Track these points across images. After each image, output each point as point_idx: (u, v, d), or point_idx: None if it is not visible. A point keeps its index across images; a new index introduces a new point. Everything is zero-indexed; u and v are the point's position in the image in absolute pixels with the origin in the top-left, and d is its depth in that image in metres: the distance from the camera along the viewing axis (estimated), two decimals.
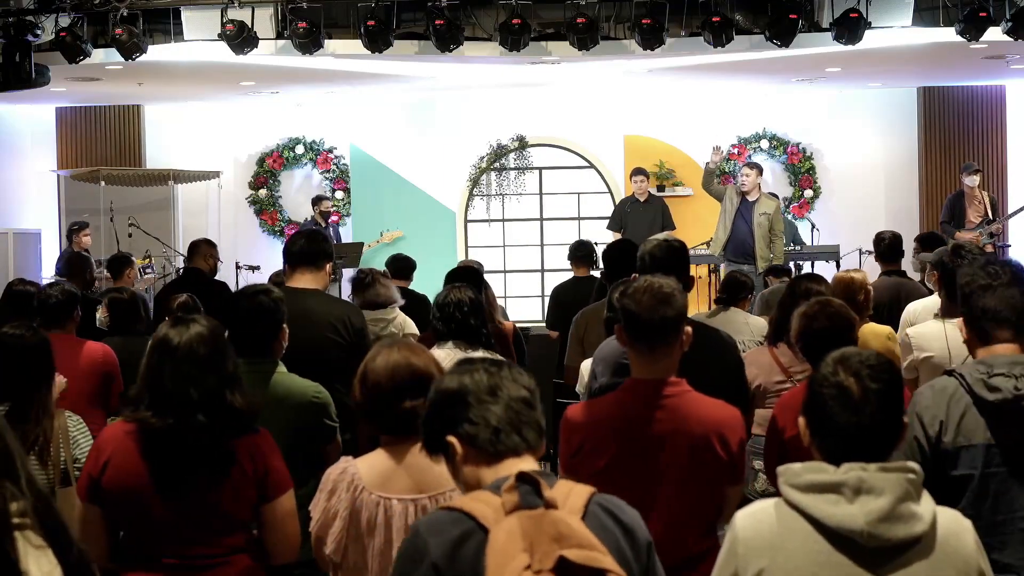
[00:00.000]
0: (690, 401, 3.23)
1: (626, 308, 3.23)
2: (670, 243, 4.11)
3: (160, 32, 9.84)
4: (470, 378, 2.18)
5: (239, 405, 3.07)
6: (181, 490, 3.03)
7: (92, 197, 12.24)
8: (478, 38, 9.86)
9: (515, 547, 1.92)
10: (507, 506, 1.99)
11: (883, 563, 2.22)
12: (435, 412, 2.20)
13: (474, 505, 2.03)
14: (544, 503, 1.99)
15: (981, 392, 2.87)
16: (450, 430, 2.16)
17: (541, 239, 13.55)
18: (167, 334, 3.10)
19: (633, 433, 3.19)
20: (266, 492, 3.11)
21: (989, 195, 11.63)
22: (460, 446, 2.14)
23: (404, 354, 3.00)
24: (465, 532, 2.01)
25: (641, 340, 3.22)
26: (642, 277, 3.35)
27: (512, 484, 2.02)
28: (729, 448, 3.19)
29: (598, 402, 3.33)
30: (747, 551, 2.31)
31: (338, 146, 13.53)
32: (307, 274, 4.61)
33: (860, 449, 2.27)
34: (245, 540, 3.13)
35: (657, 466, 3.17)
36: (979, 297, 3.02)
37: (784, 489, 2.31)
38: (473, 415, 2.14)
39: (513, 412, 2.16)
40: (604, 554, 1.96)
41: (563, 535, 1.95)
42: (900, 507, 2.21)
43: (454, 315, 4.38)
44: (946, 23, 9.52)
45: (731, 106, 13.29)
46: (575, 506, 2.04)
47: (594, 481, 3.18)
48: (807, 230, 12.62)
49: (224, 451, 3.04)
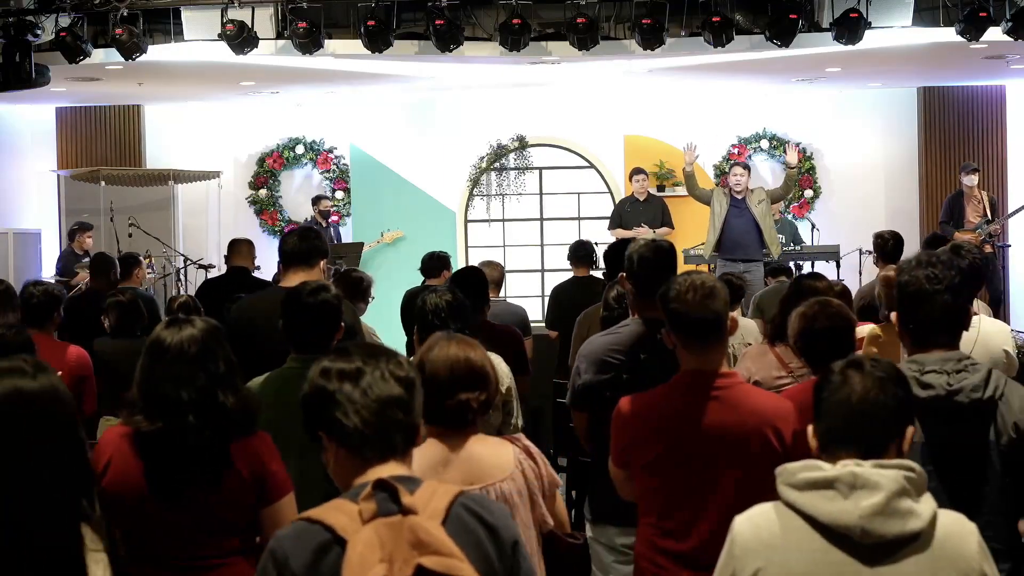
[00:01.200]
0: (744, 393, 3.25)
1: (674, 310, 3.22)
2: (658, 244, 4.10)
3: (160, 32, 9.84)
4: (342, 379, 2.12)
5: (232, 405, 3.04)
6: (177, 493, 2.99)
7: (92, 197, 12.24)
8: (478, 38, 9.86)
9: (373, 557, 1.90)
10: (364, 515, 1.96)
11: (879, 559, 2.21)
12: (306, 404, 2.17)
13: (330, 515, 2.00)
14: (402, 510, 1.97)
15: (914, 390, 2.83)
16: (319, 426, 2.14)
17: (541, 239, 13.56)
18: (160, 335, 3.08)
19: (687, 425, 3.18)
20: (265, 496, 3.07)
21: (988, 195, 11.64)
22: (328, 443, 2.13)
23: (463, 348, 3.06)
24: (323, 544, 1.98)
25: (696, 337, 3.22)
26: (679, 276, 3.34)
27: (369, 492, 1.99)
28: (783, 440, 3.18)
29: (651, 394, 3.31)
30: (744, 552, 2.31)
31: (338, 146, 13.53)
32: (301, 272, 4.61)
33: (865, 445, 2.29)
34: (242, 543, 3.09)
35: (711, 458, 3.17)
36: (917, 305, 3.01)
37: (781, 489, 2.31)
38: (339, 415, 2.10)
39: (382, 416, 2.11)
40: (462, 560, 1.94)
41: (421, 542, 1.93)
42: (895, 503, 2.20)
43: (432, 323, 4.36)
44: (946, 23, 9.52)
45: (731, 106, 13.29)
46: (436, 510, 2.01)
47: (644, 472, 3.21)
48: (807, 230, 12.62)
49: (219, 453, 3.01)
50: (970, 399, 2.89)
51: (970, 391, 2.89)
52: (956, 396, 2.89)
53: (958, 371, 2.92)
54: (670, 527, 3.21)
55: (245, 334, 4.36)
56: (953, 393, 2.89)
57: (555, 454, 6.94)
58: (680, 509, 3.20)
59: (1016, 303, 12.58)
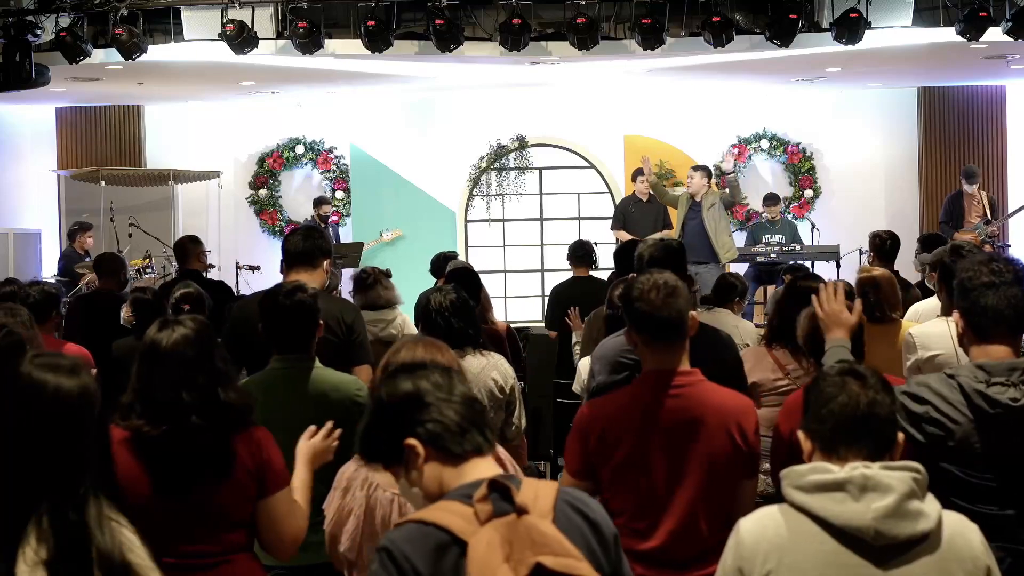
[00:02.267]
0: (706, 390, 3.25)
1: (638, 309, 3.22)
2: (667, 243, 4.12)
3: (160, 32, 9.84)
4: (426, 380, 2.15)
5: (233, 401, 3.05)
6: (183, 492, 3.00)
7: (92, 197, 12.24)
8: (478, 38, 9.87)
9: (496, 558, 1.91)
10: (482, 516, 1.97)
11: (890, 560, 2.22)
12: (389, 416, 2.15)
13: (443, 516, 2.00)
14: (516, 509, 1.97)
15: (980, 404, 2.82)
16: (409, 433, 2.12)
17: (541, 239, 13.56)
18: (155, 338, 3.07)
19: (650, 424, 3.19)
20: (264, 487, 3.08)
21: (988, 195, 11.64)
22: (423, 448, 2.11)
23: (429, 351, 3.05)
24: (441, 544, 1.98)
25: (658, 336, 3.22)
26: (641, 276, 3.36)
27: (484, 492, 1.99)
28: (747, 437, 3.20)
29: (613, 396, 3.32)
30: (753, 555, 2.30)
31: (338, 146, 13.53)
32: (303, 273, 4.61)
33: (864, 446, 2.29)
34: (246, 538, 3.11)
35: (675, 456, 3.18)
36: (981, 294, 2.97)
37: (788, 492, 2.30)
38: (435, 415, 2.11)
39: (472, 411, 2.14)
40: (580, 559, 1.95)
41: (538, 542, 1.94)
42: (906, 504, 2.21)
43: (436, 321, 4.36)
44: (946, 23, 9.52)
45: (731, 106, 13.29)
46: (544, 509, 2.02)
47: (613, 474, 3.21)
48: (807, 230, 12.62)
49: (226, 449, 3.02)
50: None
51: None
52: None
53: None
54: (640, 528, 3.20)
55: (243, 333, 4.36)
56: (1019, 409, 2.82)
57: (555, 454, 6.94)
58: (647, 509, 3.20)
59: None
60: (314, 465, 3.27)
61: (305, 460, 3.26)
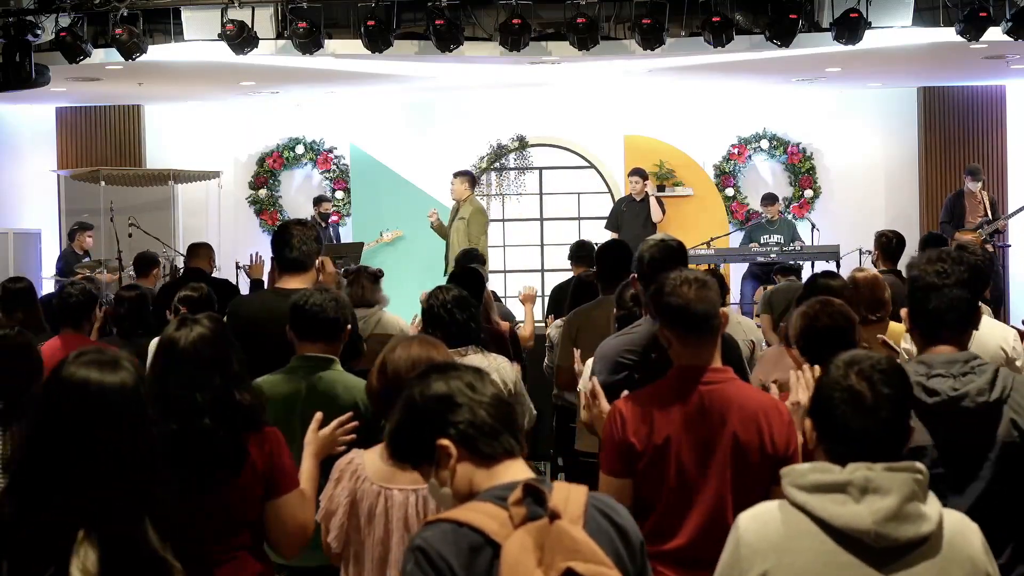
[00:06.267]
0: (737, 389, 3.24)
1: (670, 303, 3.21)
2: (667, 243, 4.09)
3: (160, 32, 9.84)
4: (459, 380, 2.15)
5: (247, 402, 3.07)
6: (194, 491, 3.00)
7: (92, 197, 12.23)
8: (478, 38, 9.86)
9: (530, 562, 1.92)
10: (516, 519, 1.97)
11: (890, 563, 2.21)
12: (421, 417, 2.14)
13: (477, 518, 2.00)
14: (548, 514, 1.98)
15: (920, 395, 2.82)
16: (441, 433, 2.12)
17: (541, 239, 13.56)
18: (172, 336, 3.08)
19: (680, 420, 3.18)
20: (273, 489, 3.09)
21: (989, 195, 11.64)
22: (455, 448, 2.11)
23: (425, 348, 3.09)
24: (475, 545, 1.98)
25: (691, 329, 3.21)
26: (672, 273, 3.33)
27: (519, 496, 2.00)
28: (775, 438, 3.17)
29: (644, 392, 3.30)
30: (751, 553, 2.30)
31: (338, 146, 13.53)
32: (296, 279, 4.64)
33: (869, 453, 2.26)
34: (252, 538, 3.12)
35: (704, 452, 3.17)
36: (925, 297, 2.99)
37: (789, 491, 2.30)
38: (467, 416, 2.11)
39: (503, 413, 2.14)
40: (610, 567, 1.96)
41: (569, 547, 1.95)
42: (907, 507, 2.20)
43: (440, 315, 4.39)
44: (946, 23, 9.52)
45: (731, 106, 13.29)
46: (575, 513, 2.03)
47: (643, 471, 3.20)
48: (807, 230, 12.62)
49: (236, 450, 3.03)
50: (976, 403, 2.87)
51: (975, 395, 2.87)
52: (962, 401, 2.87)
53: (964, 373, 2.90)
54: (667, 526, 3.19)
55: (240, 334, 4.37)
56: (959, 398, 2.87)
57: (555, 454, 6.94)
58: (675, 506, 3.19)
59: (1016, 303, 12.57)
60: (320, 456, 3.29)
61: (311, 451, 3.29)
